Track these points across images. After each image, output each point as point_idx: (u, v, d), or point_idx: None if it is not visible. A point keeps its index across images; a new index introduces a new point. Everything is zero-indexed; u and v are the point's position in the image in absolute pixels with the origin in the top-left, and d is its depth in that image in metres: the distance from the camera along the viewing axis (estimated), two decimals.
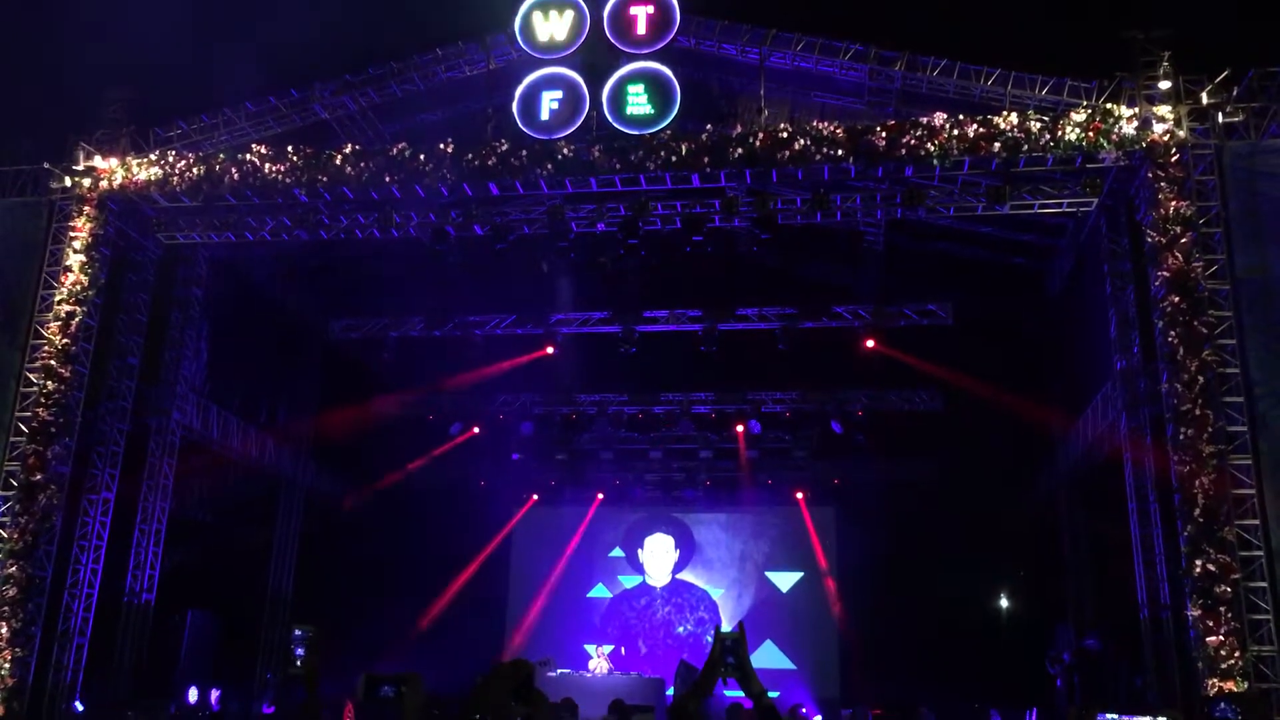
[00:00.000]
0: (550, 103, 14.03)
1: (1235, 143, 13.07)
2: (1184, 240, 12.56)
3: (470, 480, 23.92)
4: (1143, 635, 14.37)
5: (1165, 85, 13.14)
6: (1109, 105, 13.23)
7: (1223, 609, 11.42)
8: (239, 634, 19.08)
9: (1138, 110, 13.11)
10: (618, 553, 24.74)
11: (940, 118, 13.38)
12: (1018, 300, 19.08)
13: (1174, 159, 12.86)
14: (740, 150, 13.76)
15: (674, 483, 24.48)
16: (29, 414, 14.42)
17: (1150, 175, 12.93)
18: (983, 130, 13.24)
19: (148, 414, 16.86)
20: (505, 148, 14.20)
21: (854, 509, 22.94)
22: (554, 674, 19.47)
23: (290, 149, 14.79)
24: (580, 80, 14.07)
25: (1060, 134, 13.08)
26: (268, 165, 14.72)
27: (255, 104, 15.92)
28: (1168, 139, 12.96)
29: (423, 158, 14.39)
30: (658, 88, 13.86)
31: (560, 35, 14.24)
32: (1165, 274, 12.57)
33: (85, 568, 15.33)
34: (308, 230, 15.66)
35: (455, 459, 23.00)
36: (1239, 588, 11.54)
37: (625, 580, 24.56)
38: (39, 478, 14.13)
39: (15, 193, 15.59)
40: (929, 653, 19.76)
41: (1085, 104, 13.43)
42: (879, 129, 13.53)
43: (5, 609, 13.65)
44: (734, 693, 4.62)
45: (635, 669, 21.86)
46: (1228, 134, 13.10)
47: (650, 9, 14.04)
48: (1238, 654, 11.31)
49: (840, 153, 13.56)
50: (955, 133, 13.28)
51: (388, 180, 14.53)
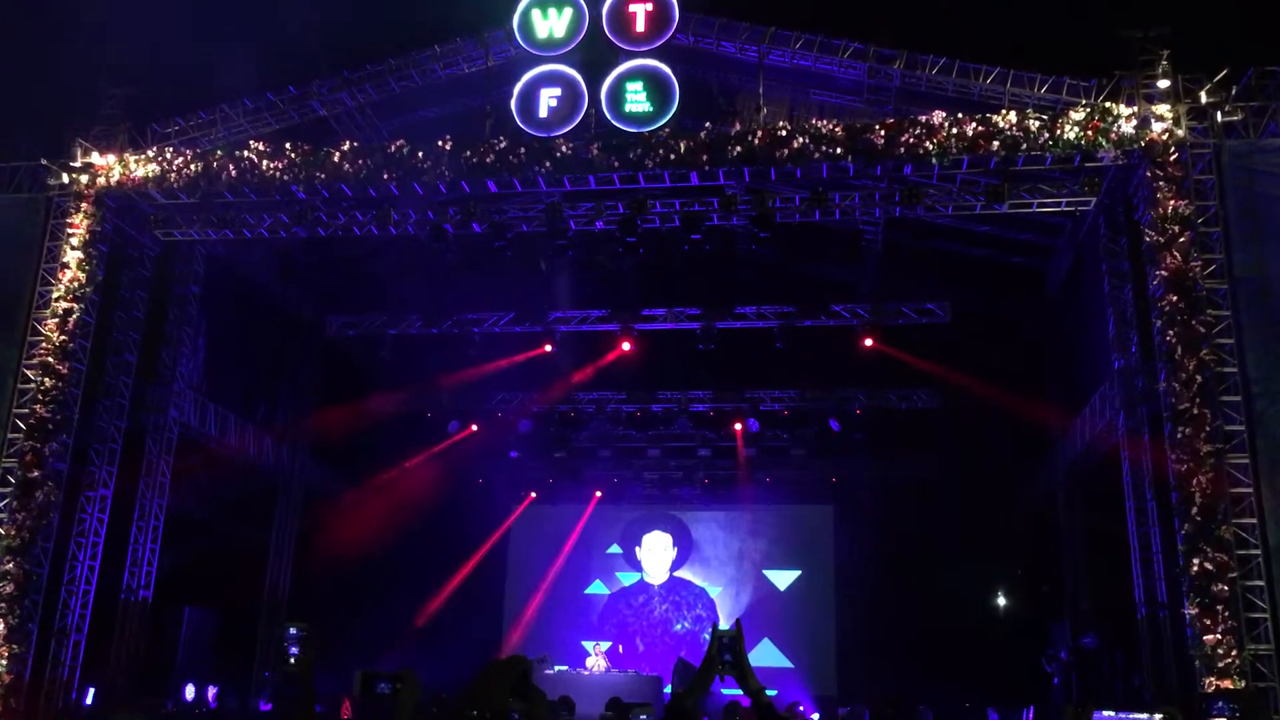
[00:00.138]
0: (549, 100, 14.00)
1: (1234, 142, 13.06)
2: (1182, 239, 12.55)
3: (468, 478, 23.91)
4: (1140, 634, 14.40)
5: (1164, 84, 13.13)
6: (1108, 104, 13.23)
7: (1220, 607, 11.43)
8: (236, 631, 19.07)
9: (1136, 109, 13.11)
10: (615, 549, 24.76)
11: (939, 116, 13.37)
12: (1016, 299, 19.10)
13: (1172, 158, 12.85)
14: (739, 148, 13.75)
15: (672, 481, 24.49)
16: (26, 410, 14.41)
17: (1149, 174, 12.92)
18: (981, 129, 13.23)
19: (145, 411, 16.84)
20: (503, 145, 14.19)
21: (852, 507, 22.97)
22: (551, 671, 19.46)
23: (288, 146, 14.77)
24: (579, 78, 14.03)
25: (1059, 133, 13.08)
26: (265, 162, 14.69)
27: (253, 100, 15.88)
28: (1166, 138, 12.95)
29: (421, 155, 14.38)
30: (656, 85, 13.84)
31: (559, 32, 14.20)
32: (1163, 273, 12.57)
33: (82, 564, 15.32)
34: (306, 227, 15.65)
35: (453, 457, 22.98)
36: (1236, 586, 11.54)
37: (623, 578, 24.57)
38: (36, 474, 14.11)
39: (12, 189, 15.56)
40: (926, 651, 19.79)
41: (1084, 103, 13.43)
42: (878, 127, 13.52)
43: (2, 605, 13.64)
44: (732, 690, 4.63)
45: (633, 667, 21.85)
46: (1226, 133, 13.09)
47: (649, 6, 14.00)
48: (1235, 652, 11.31)
49: (839, 151, 13.55)
50: (954, 131, 13.27)
51: (386, 177, 14.51)
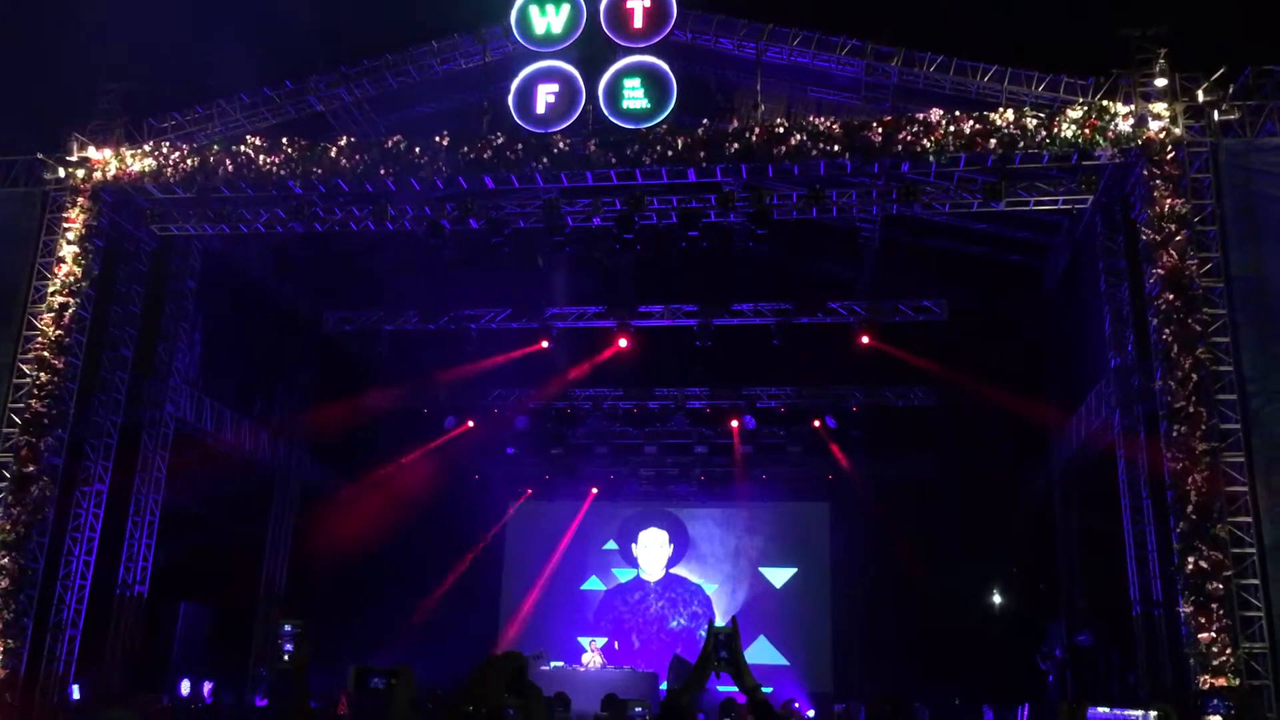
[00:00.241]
0: (546, 96, 13.98)
1: (1231, 140, 13.07)
2: (1179, 238, 12.56)
3: (464, 474, 23.89)
4: (1135, 632, 14.42)
5: (1161, 83, 13.14)
6: (1105, 102, 13.23)
7: (1215, 606, 11.45)
8: (232, 627, 19.07)
9: (1134, 107, 13.11)
10: (611, 545, 24.76)
11: (936, 114, 13.38)
12: (1013, 297, 19.11)
13: (1169, 156, 12.85)
14: (736, 145, 13.75)
15: (668, 477, 24.48)
16: (22, 405, 14.38)
17: (1146, 172, 12.93)
18: (979, 126, 13.23)
19: (141, 406, 16.82)
20: (501, 141, 14.18)
21: (848, 505, 22.97)
22: (547, 667, 19.47)
23: (285, 141, 14.76)
24: (576, 74, 14.01)
25: (1056, 131, 13.08)
26: (262, 157, 14.67)
27: (250, 95, 15.85)
28: (1163, 136, 12.95)
29: (418, 150, 14.36)
30: (654, 82, 13.82)
31: (557, 28, 14.17)
32: (1160, 271, 12.58)
33: (78, 559, 15.31)
34: (302, 223, 15.62)
35: (450, 453, 22.97)
36: (1231, 585, 11.56)
37: (619, 574, 24.56)
38: (32, 469, 14.09)
39: (8, 184, 15.53)
40: (922, 649, 19.81)
41: (1081, 101, 13.44)
42: (875, 125, 13.53)
43: None
44: (727, 688, 4.63)
45: (628, 663, 21.86)
46: (1223, 131, 13.09)
47: (647, 2, 13.96)
48: (1229, 651, 11.33)
49: (836, 148, 13.55)
50: (951, 129, 13.28)
51: (383, 173, 14.49)
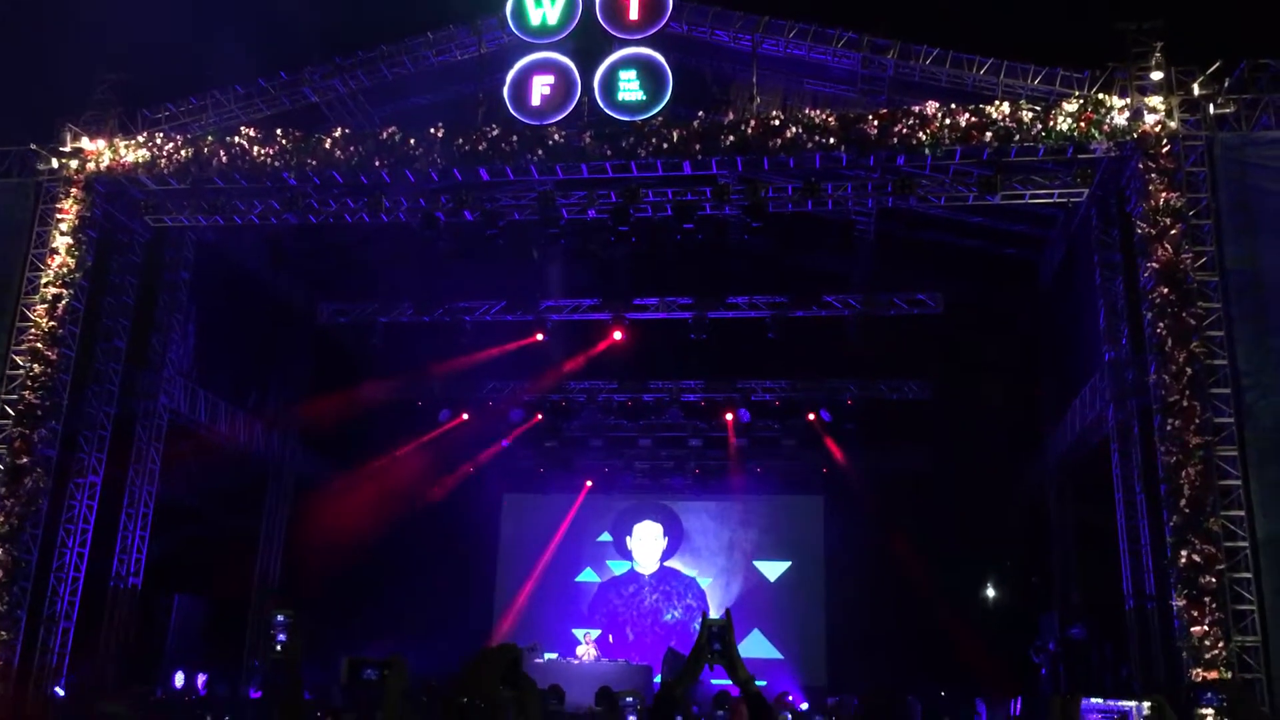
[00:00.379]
0: (542, 88, 13.93)
1: (1226, 134, 13.04)
2: (1174, 231, 12.55)
3: (459, 466, 23.88)
4: (1128, 625, 14.44)
5: (1157, 76, 13.11)
6: (1101, 96, 13.22)
7: (1207, 599, 11.46)
8: (226, 619, 19.04)
9: (1129, 101, 13.09)
10: (606, 538, 24.78)
11: (932, 107, 13.35)
12: (1008, 290, 19.10)
13: (1165, 150, 12.84)
14: (732, 137, 13.71)
15: (663, 470, 24.52)
16: (15, 397, 14.34)
17: (1141, 166, 12.91)
18: (975, 119, 13.21)
19: (135, 397, 16.80)
20: (496, 133, 14.13)
21: (842, 498, 22.99)
22: (541, 660, 19.50)
23: (279, 132, 14.69)
24: (572, 65, 13.96)
25: (1052, 124, 13.07)
26: (256, 148, 14.62)
27: (244, 86, 15.78)
28: (1159, 130, 12.93)
29: (413, 142, 14.31)
30: (650, 74, 13.78)
31: (552, 19, 14.12)
32: (1155, 265, 12.57)
33: (71, 551, 15.27)
34: (296, 214, 15.57)
35: (444, 445, 22.96)
36: (1224, 578, 11.57)
37: (614, 566, 24.59)
38: (25, 461, 14.06)
39: (2, 174, 15.45)
40: (915, 642, 19.85)
41: (1077, 94, 13.41)
42: (871, 117, 13.50)
43: None
44: (721, 680, 4.62)
45: (623, 656, 21.91)
46: (1219, 125, 13.07)
47: None
48: (1222, 644, 11.34)
49: (832, 141, 13.52)
50: (947, 122, 13.25)
51: (377, 164, 14.44)
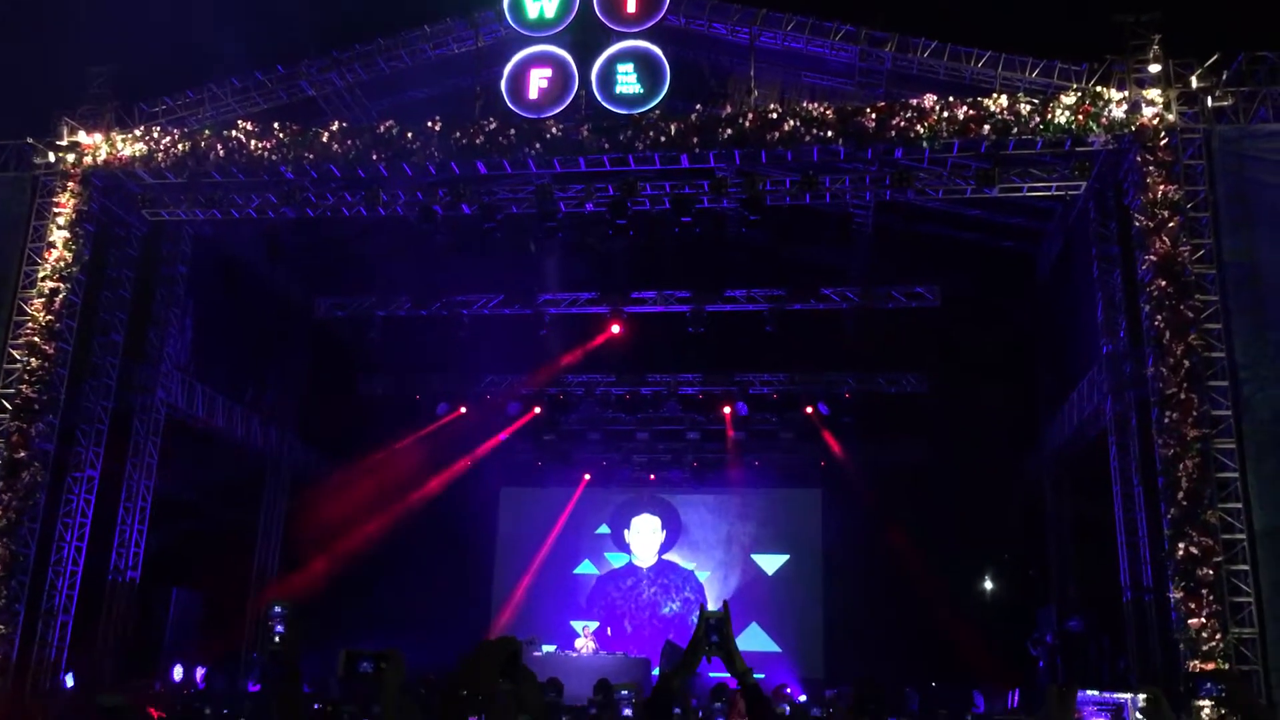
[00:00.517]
0: (539, 81, 13.92)
1: (1224, 127, 13.04)
2: (1171, 224, 12.55)
3: (457, 460, 23.88)
4: (1125, 617, 14.49)
5: (1155, 69, 13.10)
6: (1098, 88, 13.22)
7: (1205, 591, 11.48)
8: (224, 612, 19.04)
9: (1127, 94, 13.09)
10: (604, 530, 24.80)
11: (930, 99, 13.35)
12: (1006, 283, 19.11)
13: (1163, 143, 12.84)
14: (729, 131, 13.71)
15: (661, 464, 24.52)
16: (13, 390, 14.32)
17: (1139, 159, 12.90)
18: (972, 112, 13.21)
19: (132, 392, 16.78)
20: (493, 126, 14.11)
21: (840, 491, 23.01)
22: (539, 653, 19.53)
23: (276, 126, 14.68)
24: (569, 59, 13.95)
25: (1050, 117, 13.06)
26: (254, 142, 14.59)
27: (241, 80, 15.76)
28: (1157, 123, 12.93)
29: (410, 135, 14.30)
30: (647, 67, 13.76)
31: (549, 13, 14.10)
32: (1152, 258, 12.57)
33: (69, 545, 15.29)
34: (294, 208, 15.54)
35: (442, 438, 22.96)
36: (1221, 570, 11.60)
37: (612, 559, 24.61)
38: (23, 455, 14.05)
39: None
40: (913, 635, 19.88)
41: (1075, 87, 13.40)
42: (869, 110, 13.50)
43: None
44: (719, 673, 4.63)
45: (621, 649, 21.92)
46: (1217, 118, 13.07)
47: None
48: (1219, 636, 11.37)
49: (830, 134, 13.52)
50: (945, 115, 13.25)
51: (375, 158, 14.43)
